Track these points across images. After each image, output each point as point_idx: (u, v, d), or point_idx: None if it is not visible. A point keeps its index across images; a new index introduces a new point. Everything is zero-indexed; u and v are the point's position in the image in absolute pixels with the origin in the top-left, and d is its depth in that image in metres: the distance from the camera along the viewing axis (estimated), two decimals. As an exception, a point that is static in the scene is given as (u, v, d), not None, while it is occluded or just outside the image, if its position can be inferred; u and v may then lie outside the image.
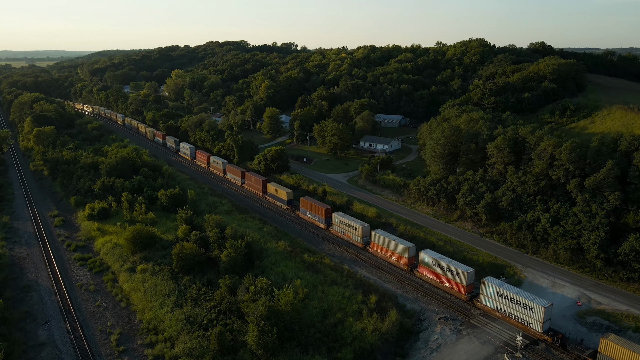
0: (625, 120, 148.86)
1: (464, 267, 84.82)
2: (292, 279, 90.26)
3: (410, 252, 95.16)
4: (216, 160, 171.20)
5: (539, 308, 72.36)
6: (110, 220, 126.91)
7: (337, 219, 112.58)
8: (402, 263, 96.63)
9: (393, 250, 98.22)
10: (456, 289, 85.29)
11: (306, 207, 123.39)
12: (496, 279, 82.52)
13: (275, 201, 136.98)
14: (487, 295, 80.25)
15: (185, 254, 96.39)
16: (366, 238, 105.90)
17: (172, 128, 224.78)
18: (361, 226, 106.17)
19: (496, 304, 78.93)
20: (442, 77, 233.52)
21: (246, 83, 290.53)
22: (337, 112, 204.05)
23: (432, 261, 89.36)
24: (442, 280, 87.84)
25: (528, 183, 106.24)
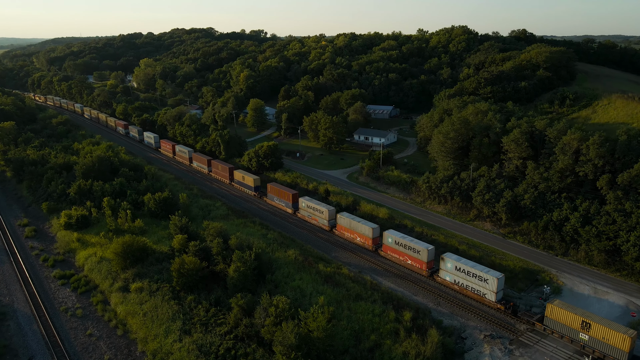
0: (628, 110, 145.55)
1: (424, 245, 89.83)
2: (312, 295, 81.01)
3: (375, 232, 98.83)
4: (182, 149, 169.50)
5: (493, 279, 77.20)
6: (92, 229, 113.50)
7: (304, 203, 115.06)
8: (367, 243, 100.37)
9: (358, 231, 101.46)
10: (418, 265, 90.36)
11: (273, 193, 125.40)
12: (454, 255, 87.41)
13: (242, 188, 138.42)
14: (446, 270, 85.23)
15: (187, 269, 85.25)
16: (332, 221, 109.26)
17: (148, 122, 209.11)
18: (327, 209, 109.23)
19: (454, 277, 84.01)
20: (430, 66, 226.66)
21: (223, 73, 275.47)
22: (326, 103, 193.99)
23: (395, 240, 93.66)
24: (404, 259, 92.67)
25: (552, 179, 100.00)
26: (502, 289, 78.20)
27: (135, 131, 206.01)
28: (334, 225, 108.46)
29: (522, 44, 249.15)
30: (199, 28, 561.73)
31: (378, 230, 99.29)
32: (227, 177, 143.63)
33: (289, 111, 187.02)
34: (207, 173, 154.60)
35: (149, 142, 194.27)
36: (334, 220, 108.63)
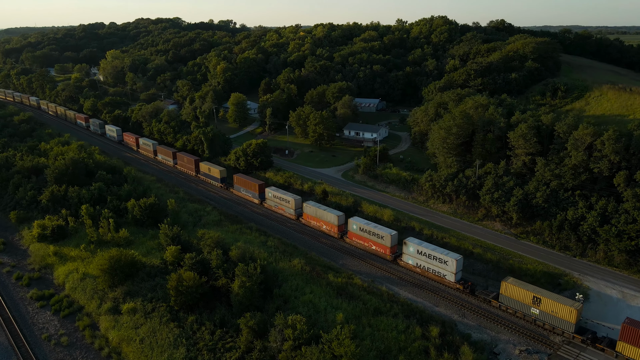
0: (621, 102, 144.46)
1: (387, 230, 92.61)
2: (327, 310, 74.29)
3: (340, 220, 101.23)
4: (146, 142, 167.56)
5: (452, 261, 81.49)
6: (70, 241, 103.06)
7: (271, 193, 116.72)
8: (332, 231, 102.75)
9: (324, 219, 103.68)
10: (382, 250, 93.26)
11: (240, 184, 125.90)
12: (416, 239, 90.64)
13: (209, 180, 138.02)
14: (409, 254, 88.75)
15: (186, 286, 76.95)
16: (299, 210, 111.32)
17: (120, 119, 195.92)
18: (293, 199, 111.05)
19: (417, 260, 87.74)
20: (414, 57, 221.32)
21: (197, 65, 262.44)
22: (311, 97, 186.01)
23: (360, 227, 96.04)
24: (369, 244, 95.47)
25: (565, 177, 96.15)
26: (460, 270, 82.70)
27: (97, 124, 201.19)
28: (301, 214, 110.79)
29: (504, 34, 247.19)
30: (165, 18, 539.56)
31: (343, 217, 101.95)
32: (192, 169, 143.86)
33: (273, 106, 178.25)
34: (172, 165, 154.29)
35: (110, 136, 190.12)
36: (300, 209, 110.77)
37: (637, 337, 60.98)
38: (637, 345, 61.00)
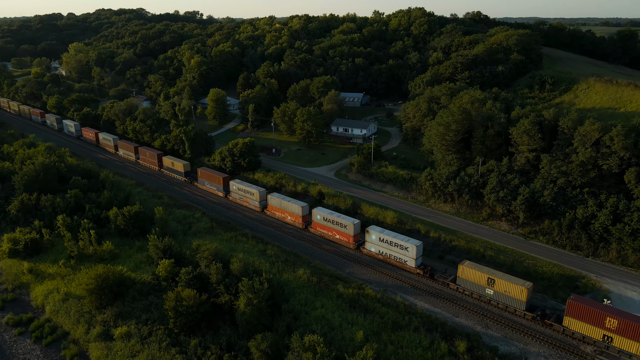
0: (609, 94, 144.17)
1: (350, 220, 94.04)
2: (342, 327, 68.74)
3: (304, 210, 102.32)
4: (105, 137, 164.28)
5: (412, 247, 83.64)
6: (46, 256, 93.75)
7: (235, 186, 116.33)
8: (297, 222, 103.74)
9: (289, 210, 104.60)
10: (345, 239, 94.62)
11: (204, 177, 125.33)
12: (378, 227, 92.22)
13: (172, 174, 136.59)
14: (371, 242, 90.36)
15: (186, 306, 69.89)
16: (263, 202, 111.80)
17: (90, 117, 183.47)
18: (258, 191, 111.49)
19: (379, 248, 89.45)
20: (396, 50, 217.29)
21: (169, 59, 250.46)
22: (295, 92, 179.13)
23: (324, 217, 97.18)
24: (333, 234, 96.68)
25: (573, 174, 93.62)
26: (420, 256, 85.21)
27: (53, 119, 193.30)
28: (265, 206, 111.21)
29: (482, 26, 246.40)
30: (128, 9, 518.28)
31: (307, 208, 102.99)
32: (155, 163, 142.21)
33: (255, 101, 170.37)
34: (134, 160, 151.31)
35: (69, 131, 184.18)
36: (265, 201, 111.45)
37: (581, 311, 66.08)
38: (581, 319, 66.25)
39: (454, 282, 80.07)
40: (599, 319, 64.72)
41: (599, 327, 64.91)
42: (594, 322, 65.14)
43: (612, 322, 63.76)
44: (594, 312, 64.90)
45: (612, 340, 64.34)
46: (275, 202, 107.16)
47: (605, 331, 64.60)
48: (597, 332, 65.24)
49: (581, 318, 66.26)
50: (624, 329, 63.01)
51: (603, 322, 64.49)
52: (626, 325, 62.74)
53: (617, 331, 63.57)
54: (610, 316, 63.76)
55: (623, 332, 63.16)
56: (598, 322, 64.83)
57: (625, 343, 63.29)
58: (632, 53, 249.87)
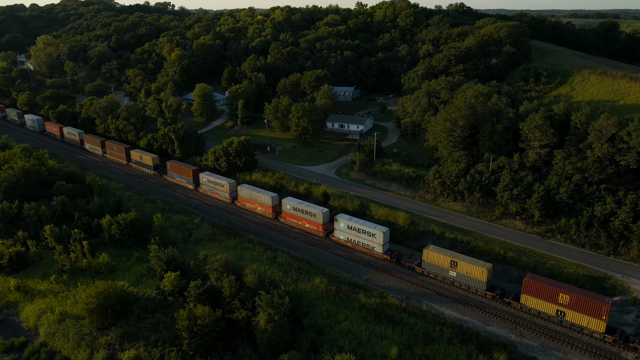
0: (606, 87, 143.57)
1: (319, 208, 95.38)
2: (371, 341, 64.19)
3: (274, 201, 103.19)
4: (71, 131, 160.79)
5: (380, 233, 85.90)
6: (34, 271, 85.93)
7: (205, 178, 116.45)
8: (267, 212, 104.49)
9: (259, 201, 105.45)
10: (315, 228, 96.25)
11: (173, 170, 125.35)
12: (346, 215, 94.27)
13: (141, 168, 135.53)
14: (340, 230, 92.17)
15: (202, 325, 64.07)
16: (233, 193, 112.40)
17: (67, 115, 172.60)
18: (227, 183, 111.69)
19: (347, 235, 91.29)
20: (384, 42, 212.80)
21: (147, 52, 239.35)
22: (285, 86, 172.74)
23: (293, 206, 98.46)
24: (302, 223, 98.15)
25: (590, 170, 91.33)
26: (387, 242, 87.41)
27: (14, 114, 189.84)
28: (235, 197, 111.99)
29: (469, 18, 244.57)
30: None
31: (277, 198, 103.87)
32: (123, 157, 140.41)
33: (244, 97, 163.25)
34: (101, 155, 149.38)
35: (32, 126, 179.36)
36: (235, 193, 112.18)
37: (536, 289, 70.03)
38: (536, 296, 70.26)
39: (419, 266, 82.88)
40: (552, 295, 68.67)
41: (553, 302, 68.84)
42: (548, 298, 69.03)
43: (565, 298, 67.73)
44: (548, 288, 68.84)
45: (565, 315, 68.36)
46: (245, 193, 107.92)
47: (559, 306, 68.57)
48: (551, 307, 69.23)
49: (536, 295, 70.13)
50: (575, 303, 66.84)
51: (556, 297, 68.43)
52: (577, 300, 66.56)
53: (569, 306, 67.45)
54: (563, 292, 67.75)
55: (574, 307, 67.02)
56: (552, 298, 68.75)
57: (576, 317, 67.30)
58: (613, 45, 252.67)
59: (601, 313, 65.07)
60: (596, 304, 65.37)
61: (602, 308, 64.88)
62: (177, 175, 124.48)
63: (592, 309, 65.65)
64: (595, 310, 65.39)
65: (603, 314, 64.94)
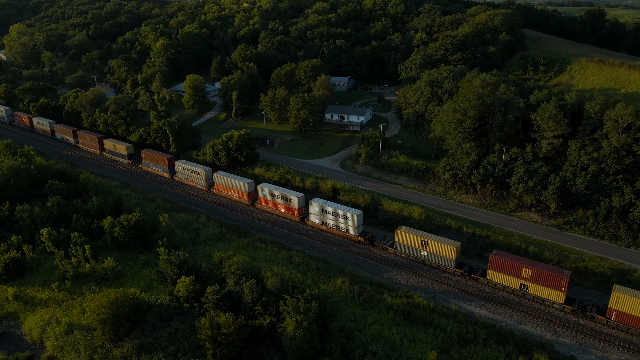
0: (605, 75, 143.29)
1: (294, 193, 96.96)
2: (404, 345, 61.35)
3: (250, 187, 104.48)
4: (41, 122, 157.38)
5: (354, 216, 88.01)
6: (32, 278, 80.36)
7: (181, 166, 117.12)
8: (243, 198, 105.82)
9: (235, 188, 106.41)
10: (291, 212, 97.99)
11: (148, 159, 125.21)
12: (321, 199, 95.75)
13: (115, 157, 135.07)
14: (315, 214, 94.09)
15: (226, 334, 60.23)
16: (209, 181, 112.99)
17: (50, 108, 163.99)
18: (203, 170, 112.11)
19: (322, 219, 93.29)
20: (376, 31, 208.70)
21: (130, 41, 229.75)
22: (279, 76, 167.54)
23: (269, 192, 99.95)
24: (278, 208, 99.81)
25: (607, 160, 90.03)
26: (361, 224, 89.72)
27: None
28: (212, 184, 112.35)
29: (459, 5, 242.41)
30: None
31: (253, 184, 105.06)
32: (97, 147, 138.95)
33: (237, 88, 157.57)
34: (73, 144, 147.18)
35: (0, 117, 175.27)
36: (211, 180, 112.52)
37: (501, 264, 73.44)
38: (501, 271, 73.79)
39: (392, 247, 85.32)
40: (516, 270, 72.33)
41: (517, 277, 72.62)
42: (512, 272, 72.78)
43: (527, 272, 71.40)
44: (512, 263, 72.38)
45: (528, 288, 72.25)
46: (221, 180, 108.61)
47: (522, 280, 72.38)
48: (515, 281, 73.08)
49: (501, 270, 73.72)
50: (537, 277, 70.61)
51: (519, 272, 72.12)
52: (539, 273, 70.30)
53: (532, 279, 71.23)
54: (526, 266, 71.34)
55: (536, 280, 70.78)
56: (515, 272, 72.49)
57: (538, 289, 71.25)
58: (600, 32, 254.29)
59: (560, 285, 68.90)
60: (556, 276, 69.07)
61: (562, 280, 68.67)
62: (152, 164, 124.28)
63: (552, 281, 69.42)
64: (556, 283, 69.15)
65: (562, 285, 68.75)
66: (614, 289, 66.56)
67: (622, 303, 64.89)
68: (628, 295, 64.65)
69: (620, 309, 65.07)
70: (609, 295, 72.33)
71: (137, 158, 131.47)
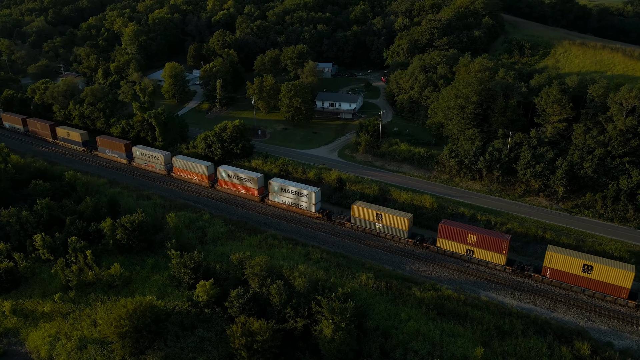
0: (589, 58, 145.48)
1: (254, 174, 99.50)
2: (444, 342, 59.65)
3: (210, 169, 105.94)
4: None
5: (311, 193, 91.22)
6: (29, 289, 73.88)
7: (138, 152, 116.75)
8: (203, 181, 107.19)
9: (194, 171, 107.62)
10: (251, 193, 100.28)
11: (104, 145, 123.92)
12: (280, 179, 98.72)
13: (69, 145, 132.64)
14: (275, 193, 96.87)
15: (261, 341, 56.70)
16: (169, 165, 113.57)
17: (16, 101, 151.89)
18: (162, 154, 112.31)
19: (281, 198, 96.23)
20: (356, 15, 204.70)
21: (95, 27, 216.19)
22: (263, 63, 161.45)
23: (229, 174, 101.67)
24: (238, 189, 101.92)
25: (613, 143, 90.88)
26: (319, 201, 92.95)
27: None
28: (171, 169, 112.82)
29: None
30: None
31: (212, 167, 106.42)
32: (49, 135, 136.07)
33: (220, 76, 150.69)
34: (23, 133, 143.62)
35: None
36: (170, 165, 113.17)
37: (449, 232, 78.60)
38: (449, 239, 79.09)
39: (349, 222, 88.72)
40: (462, 237, 77.38)
41: (463, 243, 77.78)
42: (459, 239, 77.86)
43: (473, 238, 76.58)
44: (459, 231, 77.44)
45: (473, 253, 77.56)
46: (180, 164, 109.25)
47: (468, 246, 77.61)
48: (462, 247, 78.30)
49: (450, 238, 78.83)
50: (481, 242, 75.95)
51: (465, 238, 77.27)
52: (482, 239, 75.67)
53: (477, 244, 76.51)
54: (471, 233, 76.53)
55: (481, 245, 76.14)
56: (462, 239, 77.60)
57: (482, 253, 76.76)
58: (569, 16, 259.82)
59: (502, 248, 74.57)
60: (498, 240, 74.69)
61: (503, 243, 74.41)
62: (109, 151, 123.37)
63: (494, 245, 75.03)
64: (497, 246, 74.85)
65: (503, 248, 74.44)
66: (548, 248, 72.55)
67: (554, 261, 71.06)
68: (560, 253, 70.75)
69: (553, 267, 71.36)
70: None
71: (92, 145, 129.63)
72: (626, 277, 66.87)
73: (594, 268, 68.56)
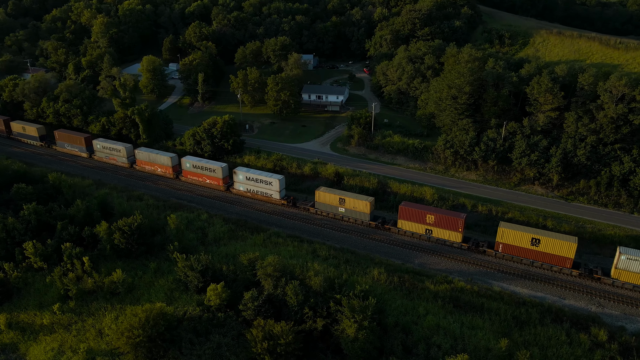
0: (568, 47, 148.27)
1: (218, 164, 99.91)
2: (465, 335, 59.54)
3: (174, 161, 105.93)
4: None
5: (276, 181, 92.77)
6: (23, 301, 69.72)
7: (99, 145, 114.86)
8: (167, 172, 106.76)
9: (158, 162, 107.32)
10: (216, 183, 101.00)
11: (63, 139, 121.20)
12: (244, 167, 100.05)
13: (25, 140, 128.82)
14: (239, 182, 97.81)
15: (284, 344, 55.11)
16: (131, 157, 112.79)
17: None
18: (124, 147, 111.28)
19: (246, 186, 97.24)
20: (334, 6, 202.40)
21: (60, 20, 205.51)
22: (244, 56, 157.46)
23: (193, 164, 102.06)
24: (203, 179, 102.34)
25: (605, 131, 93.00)
26: (283, 189, 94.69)
27: None
28: (134, 161, 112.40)
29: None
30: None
31: (176, 158, 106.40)
32: (3, 130, 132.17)
33: (201, 70, 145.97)
34: None
35: None
36: (132, 157, 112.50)
37: (409, 214, 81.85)
38: (408, 220, 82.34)
39: (313, 207, 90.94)
40: (421, 217, 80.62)
41: (422, 223, 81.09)
42: (418, 220, 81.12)
43: (431, 218, 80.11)
44: (418, 212, 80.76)
45: (432, 232, 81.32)
46: (143, 156, 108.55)
47: (427, 225, 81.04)
48: (421, 227, 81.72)
49: (410, 219, 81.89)
50: (438, 221, 79.58)
51: (424, 219, 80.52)
52: (440, 218, 79.38)
53: (435, 224, 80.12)
54: (429, 213, 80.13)
55: (438, 224, 79.80)
56: (421, 219, 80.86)
57: (440, 232, 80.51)
58: (538, 5, 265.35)
59: (458, 226, 78.31)
60: (454, 219, 78.23)
61: (458, 222, 77.95)
62: (68, 145, 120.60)
63: (451, 224, 78.58)
64: (454, 225, 78.34)
65: (459, 227, 78.23)
66: (500, 225, 76.42)
67: (506, 236, 74.93)
68: (510, 229, 74.77)
69: (505, 242, 75.39)
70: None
71: (50, 139, 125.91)
72: (570, 248, 71.27)
73: (541, 241, 72.92)
